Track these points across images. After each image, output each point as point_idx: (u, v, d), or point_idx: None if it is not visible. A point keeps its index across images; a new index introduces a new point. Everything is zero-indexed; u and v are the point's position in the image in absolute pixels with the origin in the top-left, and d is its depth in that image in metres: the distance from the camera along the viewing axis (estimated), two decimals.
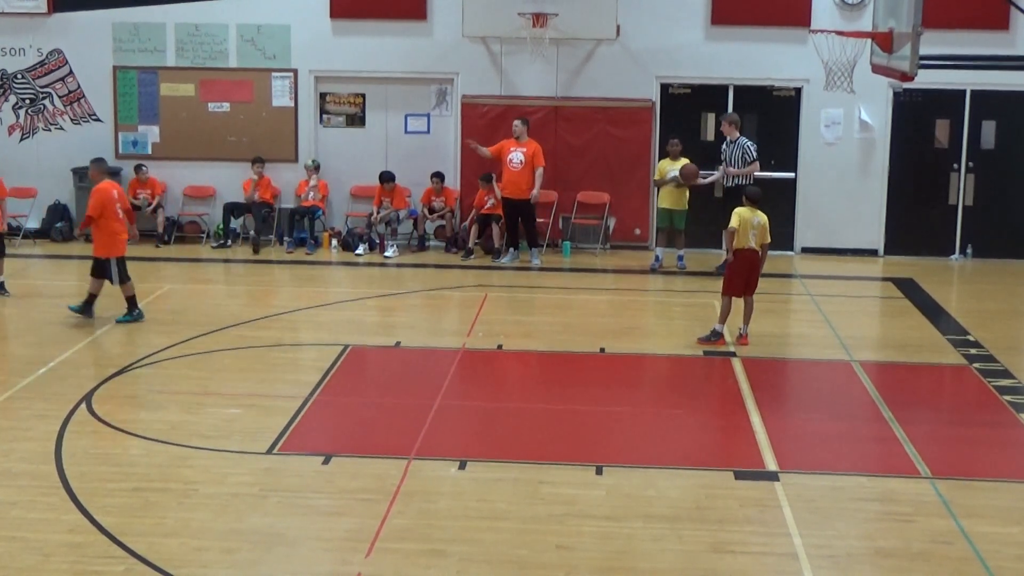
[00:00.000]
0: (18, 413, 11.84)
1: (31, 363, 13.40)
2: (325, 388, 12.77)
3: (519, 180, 19.12)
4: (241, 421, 11.75)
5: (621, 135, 20.20)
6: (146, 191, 20.44)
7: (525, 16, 19.42)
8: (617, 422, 12.03)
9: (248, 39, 20.49)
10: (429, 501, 9.83)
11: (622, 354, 14.32)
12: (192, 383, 12.88)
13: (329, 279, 18.80)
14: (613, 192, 20.23)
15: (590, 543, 9.09)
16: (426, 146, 20.59)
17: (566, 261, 19.58)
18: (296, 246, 20.12)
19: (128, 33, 20.63)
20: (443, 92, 20.52)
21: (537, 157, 19.11)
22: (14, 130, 20.97)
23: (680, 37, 20.01)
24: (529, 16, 19.42)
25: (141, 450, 10.93)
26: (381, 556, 8.83)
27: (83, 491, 9.89)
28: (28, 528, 9.22)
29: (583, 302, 16.94)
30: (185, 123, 20.79)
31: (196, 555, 8.82)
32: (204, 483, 10.17)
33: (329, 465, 10.59)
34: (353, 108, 20.76)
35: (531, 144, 19.20)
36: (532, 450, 11.09)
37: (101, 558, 8.73)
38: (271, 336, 14.86)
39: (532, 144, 19.19)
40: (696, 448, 11.27)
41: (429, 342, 14.79)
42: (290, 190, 20.63)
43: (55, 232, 20.63)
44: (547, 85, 20.25)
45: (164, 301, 16.62)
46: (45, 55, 20.78)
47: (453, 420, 12.03)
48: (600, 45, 20.03)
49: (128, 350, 14.02)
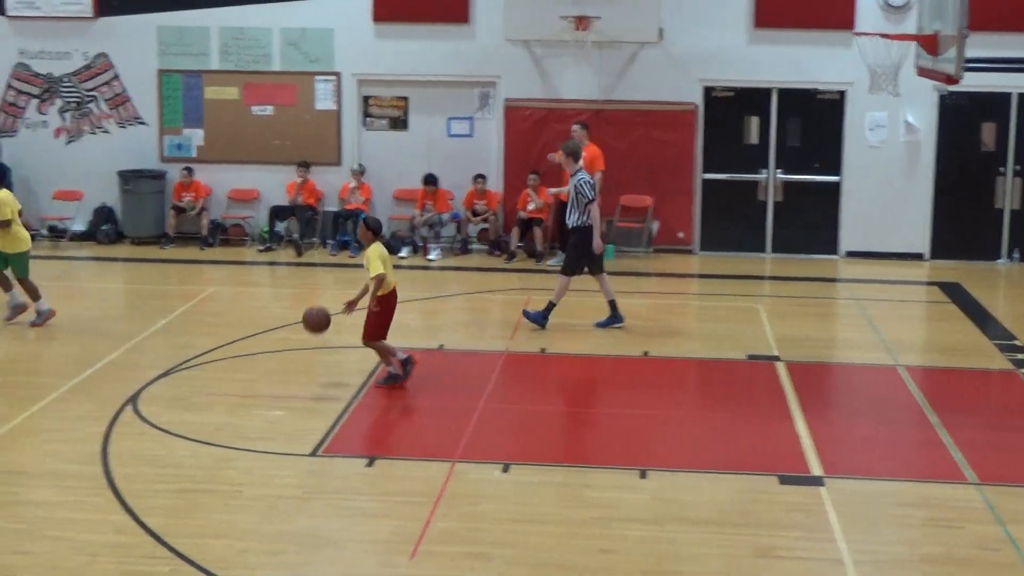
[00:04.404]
0: (65, 414, 11.93)
1: (78, 364, 13.49)
2: (369, 391, 12.80)
3: None
4: (285, 423, 11.80)
5: (664, 138, 20.14)
6: (191, 194, 20.55)
7: (567, 19, 19.38)
8: (661, 426, 12.00)
9: (292, 43, 20.56)
10: (473, 504, 9.84)
11: (666, 358, 14.29)
12: (237, 385, 12.94)
13: None
14: (656, 195, 20.18)
15: (633, 547, 9.08)
16: (469, 149, 20.60)
17: (609, 264, 19.50)
18: (340, 249, 20.18)
19: (173, 37, 20.75)
20: (486, 95, 20.53)
21: (595, 162, 18.93)
22: (60, 133, 21.12)
23: (723, 40, 19.94)
24: (571, 19, 19.38)
25: (187, 451, 10.99)
26: (425, 559, 8.85)
27: (129, 492, 9.96)
28: (75, 528, 9.29)
29: (626, 305, 16.87)
30: (229, 126, 20.88)
31: (241, 556, 8.86)
32: (249, 485, 10.22)
33: (373, 467, 10.62)
34: (396, 111, 20.79)
35: (589, 148, 19.03)
36: (576, 454, 11.09)
37: (147, 559, 8.79)
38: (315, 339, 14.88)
39: (590, 148, 19.01)
40: (740, 452, 11.22)
41: (472, 345, 14.80)
42: (334, 193, 20.69)
43: (101, 234, 20.76)
44: (589, 88, 20.22)
45: (209, 304, 16.71)
46: (91, 59, 20.91)
47: (496, 423, 12.04)
48: (643, 48, 19.98)
49: (173, 352, 14.09)
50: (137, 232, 20.72)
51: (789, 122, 19.92)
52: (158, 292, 17.27)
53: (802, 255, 20.10)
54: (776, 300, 17.42)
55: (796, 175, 20.20)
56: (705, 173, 20.27)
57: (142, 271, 19.01)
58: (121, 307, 17.21)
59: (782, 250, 20.23)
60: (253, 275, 19.16)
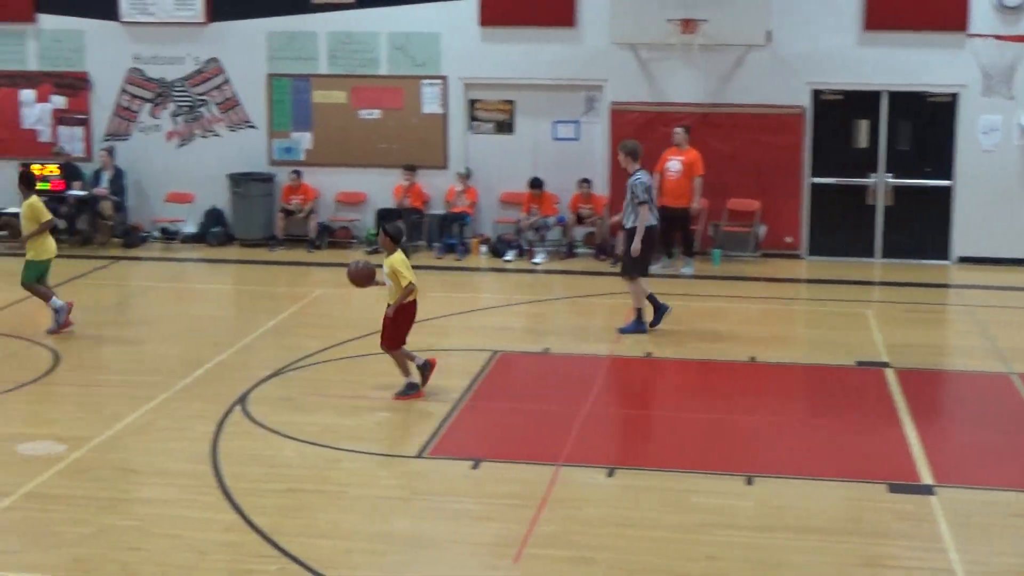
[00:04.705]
0: (176, 413, 12.12)
1: (188, 365, 13.69)
2: (474, 393, 12.84)
3: (676, 189, 18.87)
4: (391, 425, 11.89)
5: (771, 142, 19.96)
6: (299, 197, 20.77)
7: (674, 22, 19.29)
8: (767, 432, 11.90)
9: (399, 47, 20.70)
10: (577, 508, 9.83)
11: (773, 363, 14.15)
12: (344, 386, 13.05)
13: (478, 285, 18.91)
14: (763, 199, 20.00)
15: (739, 554, 9.00)
16: (575, 153, 20.57)
17: (716, 269, 19.41)
18: (445, 252, 20.27)
19: (282, 42, 20.99)
20: (592, 99, 20.50)
21: (696, 166, 18.85)
22: (172, 137, 21.47)
23: (832, 42, 19.70)
24: (678, 22, 19.27)
25: (294, 452, 11.11)
26: (529, 562, 8.85)
27: (238, 491, 10.09)
28: (186, 526, 9.43)
29: (733, 310, 16.79)
30: (337, 130, 21.07)
31: (346, 556, 8.93)
32: (355, 485, 10.30)
33: (477, 470, 10.65)
34: (502, 115, 20.84)
35: (690, 152, 18.99)
36: (681, 459, 11.02)
37: (255, 557, 8.89)
38: (420, 341, 14.93)
39: (691, 152, 18.98)
40: (848, 460, 11.08)
41: (577, 349, 14.78)
42: (440, 196, 20.79)
43: (211, 236, 21.06)
44: (696, 91, 20.10)
45: (316, 305, 16.88)
46: (202, 64, 21.24)
47: (601, 427, 12.01)
48: (750, 51, 19.80)
49: (281, 353, 14.24)
50: (246, 234, 21.00)
51: (899, 125, 19.62)
52: (267, 294, 17.47)
53: (912, 260, 19.79)
54: (886, 306, 17.17)
55: (907, 179, 19.90)
56: (813, 177, 20.04)
57: (251, 273, 19.26)
58: (231, 308, 17.47)
59: (892, 255, 19.94)
60: None
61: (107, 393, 12.95)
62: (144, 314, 16.71)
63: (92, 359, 14.48)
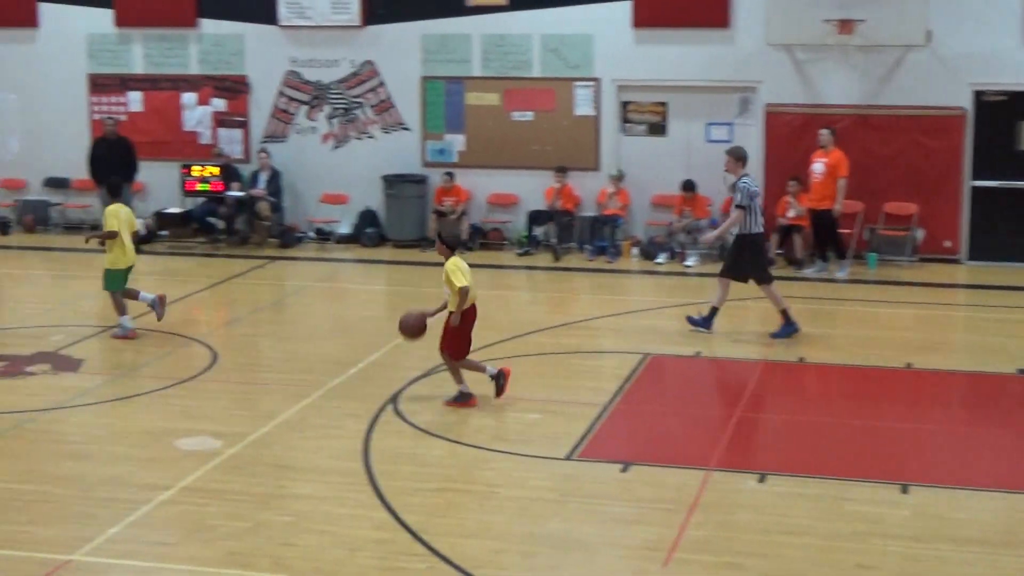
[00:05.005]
0: (330, 412, 12.29)
1: (342, 364, 13.87)
2: (625, 396, 12.79)
3: (820, 190, 18.78)
4: (541, 426, 11.89)
5: (931, 144, 19.54)
6: (451, 198, 20.92)
7: (831, 23, 19.03)
8: (924, 440, 11.65)
9: (552, 49, 20.74)
10: (728, 513, 9.73)
11: (930, 370, 13.85)
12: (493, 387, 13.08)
13: (629, 287, 18.84)
14: (922, 203, 19.59)
15: (894, 564, 8.83)
16: None
17: (871, 273, 19.06)
18: (597, 254, 20.23)
19: (436, 44, 21.17)
20: (746, 100, 20.30)
21: (839, 167, 18.65)
22: (328, 139, 21.79)
23: (995, 42, 19.20)
24: (835, 23, 19.01)
25: (444, 451, 11.19)
26: (679, 567, 8.79)
27: (389, 489, 10.19)
28: (337, 523, 9.56)
29: (889, 315, 16.48)
30: (490, 132, 21.18)
31: (495, 557, 8.96)
32: (504, 486, 10.33)
33: (628, 473, 10.60)
34: (655, 116, 20.74)
35: (834, 154, 18.78)
36: (834, 466, 10.83)
37: (405, 555, 8.97)
38: (571, 343, 14.98)
39: (835, 154, 18.77)
40: (1009, 470, 10.80)
41: (729, 353, 14.64)
42: (591, 198, 20.76)
43: (364, 237, 21.32)
44: (852, 93, 19.77)
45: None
46: (358, 66, 21.51)
47: (753, 432, 11.89)
48: (909, 51, 19.41)
49: (432, 353, 14.29)
50: (399, 235, 21.22)
51: None
52: (419, 294, 17.58)
53: None
54: None
55: None
56: (974, 180, 19.57)
57: (404, 273, 19.45)
58: (383, 308, 17.65)
59: None
60: (511, 279, 19.39)
61: (262, 390, 13.20)
62: (299, 313, 16.98)
63: (248, 357, 14.77)
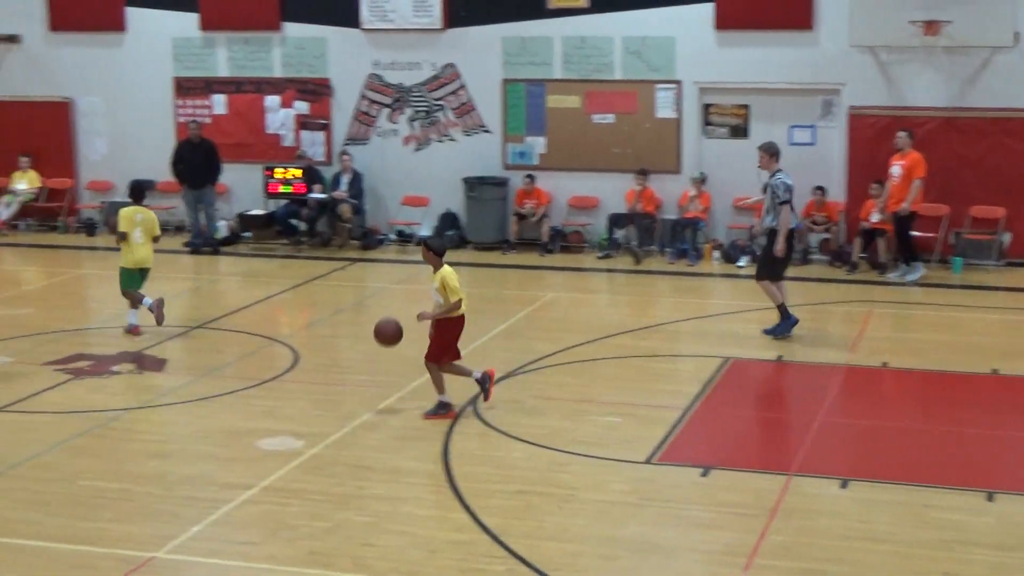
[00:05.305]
0: (410, 413, 12.33)
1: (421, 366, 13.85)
2: (705, 400, 12.72)
3: (897, 193, 18.59)
4: (620, 429, 11.86)
5: (1018, 147, 19.25)
6: (532, 201, 20.93)
7: (916, 24, 18.83)
8: (1010, 447, 11.49)
9: (633, 51, 20.68)
10: (809, 519, 9.65)
11: (1017, 376, 13.64)
12: (573, 390, 13.09)
13: (710, 291, 18.75)
14: (1009, 206, 19.30)
15: (980, 572, 8.70)
16: (811, 158, 20.17)
17: (956, 277, 18.81)
18: (677, 257, 20.15)
19: (517, 47, 21.19)
20: (829, 103, 20.12)
21: (916, 169, 18.42)
22: (410, 141, 21.88)
23: None
24: (920, 24, 18.82)
25: (523, 454, 11.19)
26: (758, 572, 8.72)
27: (468, 491, 10.20)
28: (417, 524, 9.59)
29: (974, 320, 16.25)
30: (570, 134, 21.16)
31: (574, 560, 8.94)
32: (583, 489, 10.31)
33: (707, 477, 10.54)
34: (736, 119, 20.62)
35: (910, 156, 18.55)
36: (917, 472, 10.70)
37: (484, 557, 8.98)
38: (651, 346, 14.93)
39: (911, 155, 18.54)
40: None
41: (811, 357, 14.50)
42: (673, 201, 20.68)
43: (446, 239, 21.33)
44: (938, 95, 19.53)
45: (548, 309, 16.97)
46: (439, 69, 21.59)
47: (835, 438, 11.76)
48: (996, 53, 19.15)
49: (512, 356, 14.36)
50: (480, 237, 21.27)
51: None
52: (499, 296, 17.63)
53: None
54: None
55: None
56: None
57: (484, 275, 19.48)
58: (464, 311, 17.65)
59: None
60: (591, 282, 19.36)
61: (342, 391, 13.29)
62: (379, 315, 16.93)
63: (329, 358, 14.87)
